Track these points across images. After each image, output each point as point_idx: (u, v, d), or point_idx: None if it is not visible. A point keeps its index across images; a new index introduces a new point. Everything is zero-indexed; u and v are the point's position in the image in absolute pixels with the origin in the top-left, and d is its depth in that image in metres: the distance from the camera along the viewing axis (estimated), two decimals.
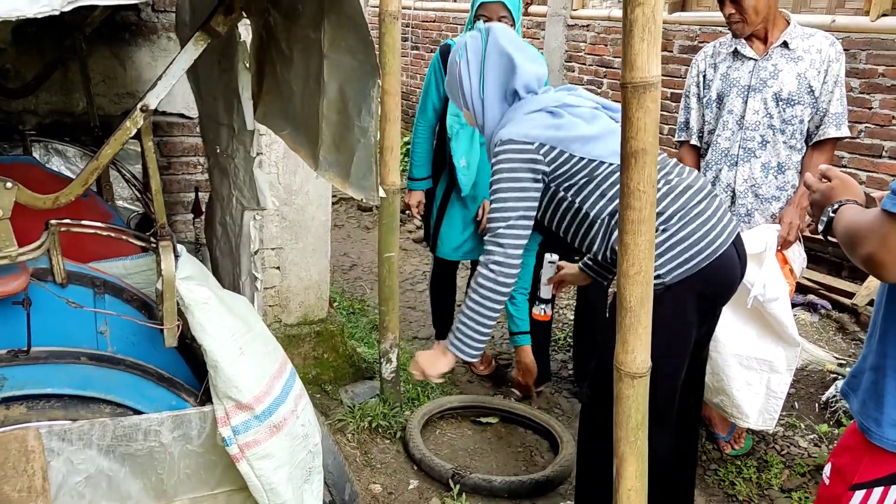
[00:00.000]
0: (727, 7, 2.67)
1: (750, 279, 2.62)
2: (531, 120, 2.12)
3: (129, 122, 1.47)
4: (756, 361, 2.69)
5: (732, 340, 2.71)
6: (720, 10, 2.72)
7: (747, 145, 2.77)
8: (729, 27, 2.73)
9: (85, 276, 1.65)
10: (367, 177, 1.48)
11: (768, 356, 2.66)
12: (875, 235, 1.23)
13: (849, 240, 1.35)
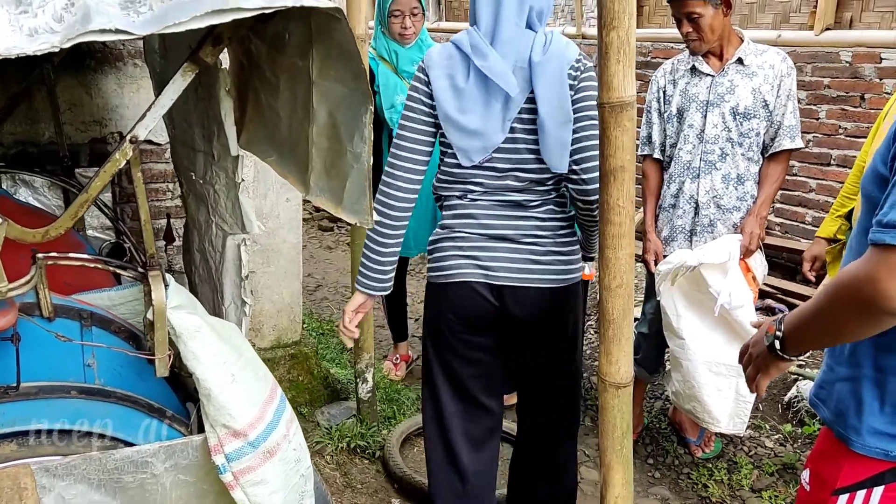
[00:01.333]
0: (684, 26, 2.77)
1: (716, 288, 2.71)
2: None
3: (118, 154, 1.46)
4: (725, 367, 2.78)
5: (702, 348, 2.79)
6: (678, 28, 2.82)
7: (708, 158, 2.87)
8: (686, 45, 2.83)
9: (72, 309, 1.63)
10: (361, 201, 1.51)
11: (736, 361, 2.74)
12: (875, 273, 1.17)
13: (830, 307, 1.26)
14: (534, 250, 2.03)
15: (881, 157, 1.29)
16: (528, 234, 2.03)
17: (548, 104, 1.91)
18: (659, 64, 4.11)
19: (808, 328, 1.34)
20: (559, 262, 2.05)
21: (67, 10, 1.16)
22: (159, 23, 1.21)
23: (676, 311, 2.83)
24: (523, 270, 2.04)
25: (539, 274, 2.04)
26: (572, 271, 2.10)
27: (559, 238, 2.06)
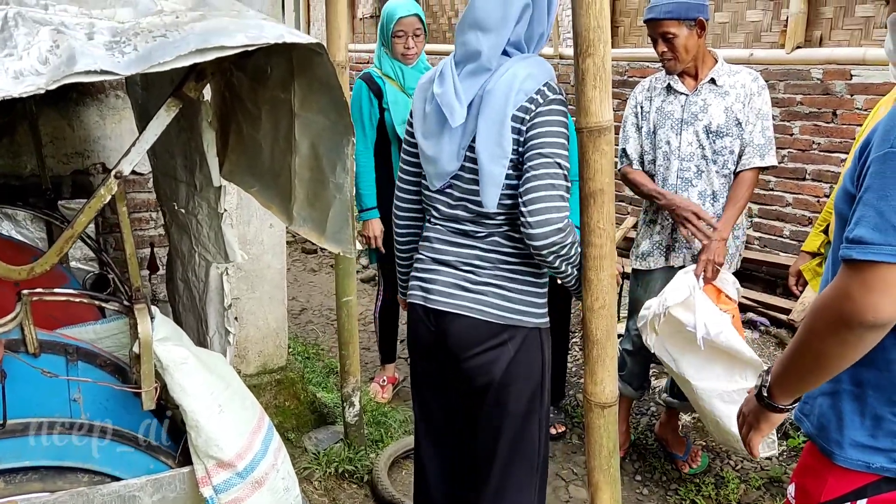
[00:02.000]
0: (660, 46, 2.83)
1: (690, 324, 2.75)
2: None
3: (103, 189, 1.48)
4: (736, 394, 2.80)
5: (708, 385, 2.81)
6: (654, 48, 2.88)
7: (684, 175, 2.92)
8: (662, 64, 2.89)
9: (57, 344, 1.63)
10: (343, 230, 1.53)
11: (743, 384, 2.78)
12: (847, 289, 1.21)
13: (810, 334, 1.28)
14: (468, 277, 1.93)
15: (849, 175, 1.34)
16: (468, 261, 1.94)
17: (484, 137, 1.82)
18: (635, 83, 4.18)
19: (793, 365, 1.34)
20: (496, 295, 1.91)
21: (52, 52, 1.18)
22: (144, 63, 1.23)
23: (672, 357, 2.86)
24: (455, 296, 1.94)
25: (471, 302, 1.92)
26: (519, 311, 1.92)
27: (501, 271, 1.92)
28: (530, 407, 1.97)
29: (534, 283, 1.95)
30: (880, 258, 1.17)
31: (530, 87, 1.81)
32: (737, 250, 2.99)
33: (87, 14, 1.31)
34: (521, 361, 1.93)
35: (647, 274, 3.07)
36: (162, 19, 1.35)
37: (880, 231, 1.18)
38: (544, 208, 1.76)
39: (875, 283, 1.18)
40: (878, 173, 1.20)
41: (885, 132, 1.21)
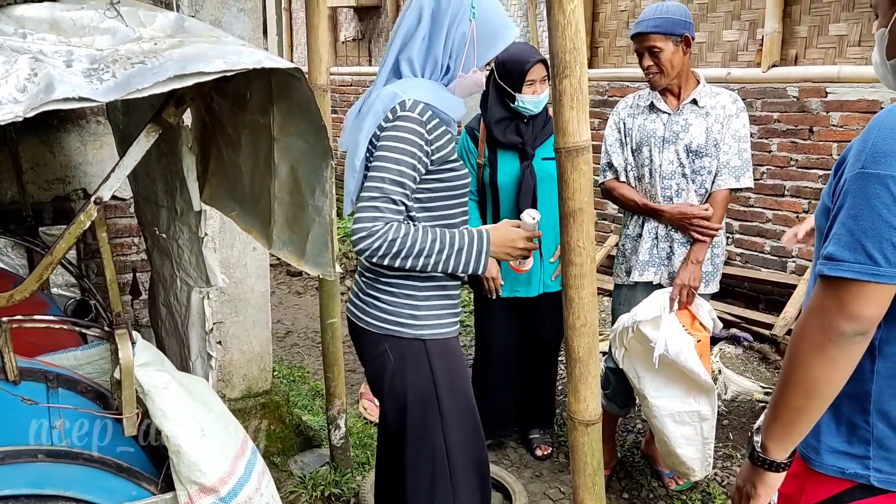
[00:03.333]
0: (646, 60, 2.86)
1: (653, 340, 2.80)
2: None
3: (83, 215, 1.48)
4: (687, 415, 2.86)
5: (663, 403, 2.87)
6: (639, 62, 2.91)
7: (665, 193, 2.95)
8: (647, 78, 2.92)
9: (37, 372, 1.62)
10: (323, 253, 1.53)
11: (696, 407, 2.83)
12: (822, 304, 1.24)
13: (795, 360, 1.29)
14: (360, 288, 2.06)
15: (827, 191, 1.37)
16: (362, 273, 2.05)
17: (350, 154, 1.91)
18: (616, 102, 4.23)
19: (783, 407, 1.34)
20: (375, 307, 2.00)
21: (31, 81, 1.19)
22: (122, 89, 1.24)
23: (637, 373, 2.92)
24: (353, 304, 2.09)
25: (359, 311, 2.05)
26: (395, 322, 1.98)
27: (381, 284, 1.98)
28: (425, 416, 2.02)
29: (412, 296, 1.98)
30: (849, 275, 1.21)
31: (387, 105, 1.86)
32: (715, 269, 3.01)
33: (65, 42, 1.32)
34: (402, 371, 1.99)
35: (629, 289, 3.09)
36: (140, 46, 1.36)
37: (850, 249, 1.22)
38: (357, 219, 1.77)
39: (846, 298, 1.22)
40: (851, 192, 1.23)
41: (858, 151, 1.25)
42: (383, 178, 1.79)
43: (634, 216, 3.05)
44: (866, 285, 1.21)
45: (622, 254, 3.12)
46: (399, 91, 1.87)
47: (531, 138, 3.20)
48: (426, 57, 1.93)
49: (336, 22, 8.81)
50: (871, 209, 1.20)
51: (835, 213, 1.27)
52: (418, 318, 2.00)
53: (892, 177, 1.19)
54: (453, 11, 1.91)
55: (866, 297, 1.21)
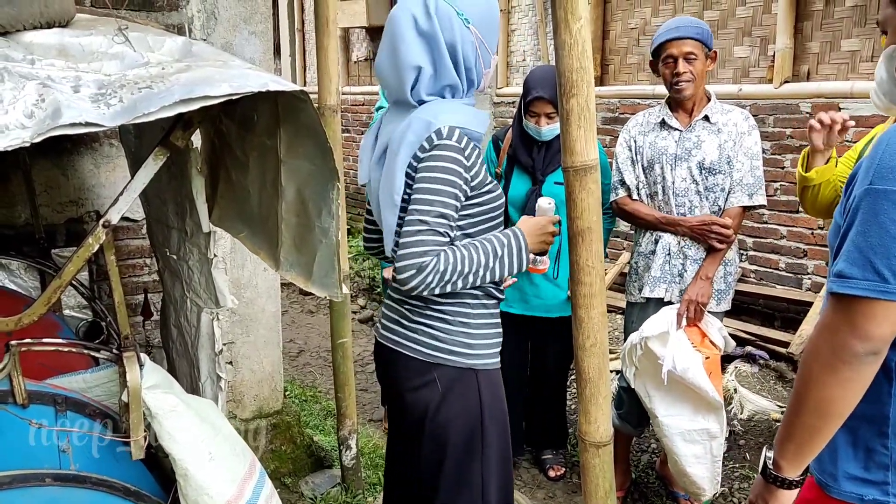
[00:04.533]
0: (682, 65, 2.83)
1: (661, 356, 2.77)
2: None
3: (91, 238, 1.49)
4: (697, 434, 2.83)
5: (673, 422, 2.85)
6: (666, 69, 2.86)
7: (679, 210, 2.93)
8: (676, 85, 2.88)
9: (46, 395, 1.62)
10: (330, 274, 1.53)
11: (705, 424, 2.81)
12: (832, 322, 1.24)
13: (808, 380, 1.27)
14: (405, 315, 1.96)
15: (838, 209, 1.36)
16: (406, 300, 1.96)
17: (382, 187, 1.83)
18: (626, 119, 4.22)
19: (796, 426, 1.32)
20: (426, 335, 1.92)
21: (38, 106, 1.20)
22: (129, 114, 1.25)
23: (647, 392, 2.90)
24: (394, 331, 1.98)
25: (404, 339, 1.95)
26: (447, 351, 1.91)
27: (432, 311, 1.92)
28: (469, 448, 1.95)
29: (466, 323, 1.94)
30: (858, 293, 1.20)
31: (422, 134, 1.78)
32: (727, 287, 2.98)
33: (73, 68, 1.33)
34: (451, 401, 1.92)
35: (641, 307, 3.07)
36: (148, 71, 1.37)
37: (858, 266, 1.21)
38: (401, 255, 1.73)
39: (856, 316, 1.21)
40: (860, 209, 1.22)
41: (866, 168, 1.24)
42: (427, 211, 1.74)
43: (647, 233, 3.04)
44: (876, 303, 1.19)
45: (634, 271, 3.10)
46: (431, 118, 1.80)
47: (542, 164, 3.19)
48: (441, 87, 1.86)
49: (348, 42, 8.88)
50: (880, 226, 1.19)
51: (844, 230, 1.26)
52: (472, 347, 1.94)
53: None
54: (448, 37, 1.82)
55: (877, 315, 1.19)
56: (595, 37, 5.62)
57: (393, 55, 1.83)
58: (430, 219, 1.73)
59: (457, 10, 1.83)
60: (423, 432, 1.96)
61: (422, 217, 1.74)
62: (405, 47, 1.80)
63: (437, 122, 1.79)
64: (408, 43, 1.80)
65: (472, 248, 1.82)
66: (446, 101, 1.87)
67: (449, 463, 1.96)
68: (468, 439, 1.96)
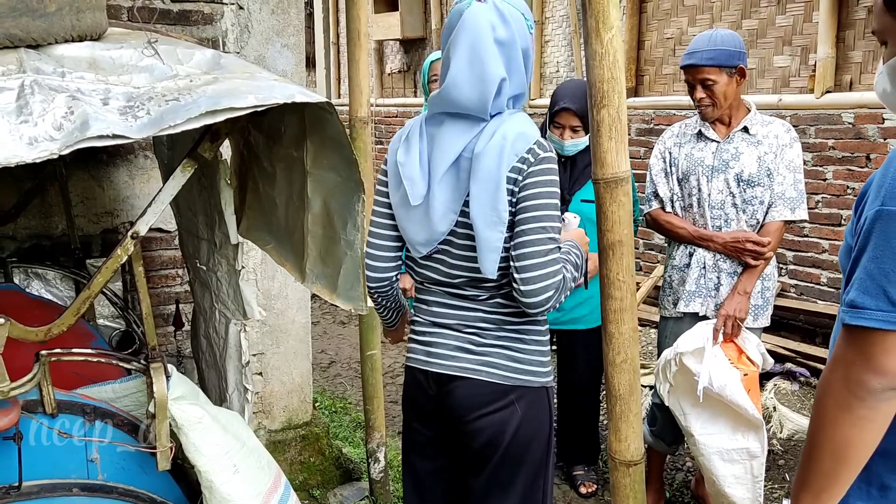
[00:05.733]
0: (698, 92, 2.80)
1: (696, 373, 2.70)
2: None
3: (119, 249, 1.50)
4: (736, 453, 2.75)
5: (710, 440, 2.77)
6: (689, 94, 2.86)
7: (715, 223, 2.87)
8: (699, 110, 2.86)
9: (75, 405, 1.63)
10: (355, 287, 1.52)
11: (744, 444, 2.72)
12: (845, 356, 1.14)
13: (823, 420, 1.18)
14: (473, 340, 1.85)
15: (849, 229, 1.28)
16: (471, 324, 1.85)
17: (478, 203, 1.71)
18: (662, 130, 4.16)
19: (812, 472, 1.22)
20: (503, 357, 1.83)
21: (67, 119, 1.21)
22: (156, 126, 1.25)
23: (682, 410, 2.82)
24: (459, 359, 1.86)
25: (476, 364, 1.84)
26: (526, 371, 1.85)
27: (507, 332, 1.85)
28: (539, 467, 1.91)
29: (539, 341, 1.89)
30: (871, 324, 1.11)
31: (521, 147, 1.71)
32: (765, 302, 2.90)
33: (103, 80, 1.35)
34: (530, 422, 1.86)
35: (676, 321, 3.00)
36: (176, 83, 1.37)
37: (871, 295, 1.11)
38: (538, 276, 1.68)
39: (871, 349, 1.11)
40: (872, 233, 1.13)
41: (877, 186, 1.15)
42: (552, 228, 1.70)
43: (681, 246, 2.98)
44: (892, 335, 1.09)
45: (668, 285, 3.04)
46: (525, 130, 1.73)
47: (568, 182, 3.14)
48: (509, 97, 1.79)
49: (382, 54, 8.94)
50: (893, 251, 1.09)
51: (856, 255, 1.17)
52: (545, 365, 1.90)
53: None
54: (522, 43, 1.76)
55: (893, 348, 1.10)
56: (630, 47, 5.57)
57: (473, 66, 1.70)
58: (555, 234, 1.71)
59: (524, 14, 1.78)
60: (494, 456, 1.88)
61: (551, 235, 1.70)
62: (489, 58, 1.70)
63: (532, 135, 1.74)
64: (490, 53, 1.70)
65: (566, 261, 1.82)
66: (520, 113, 1.82)
67: (521, 482, 1.91)
68: (541, 457, 1.93)
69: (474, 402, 1.84)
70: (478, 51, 1.69)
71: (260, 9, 2.97)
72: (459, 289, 1.85)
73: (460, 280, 1.83)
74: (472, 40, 1.70)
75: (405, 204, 1.76)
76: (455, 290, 1.86)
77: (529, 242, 1.69)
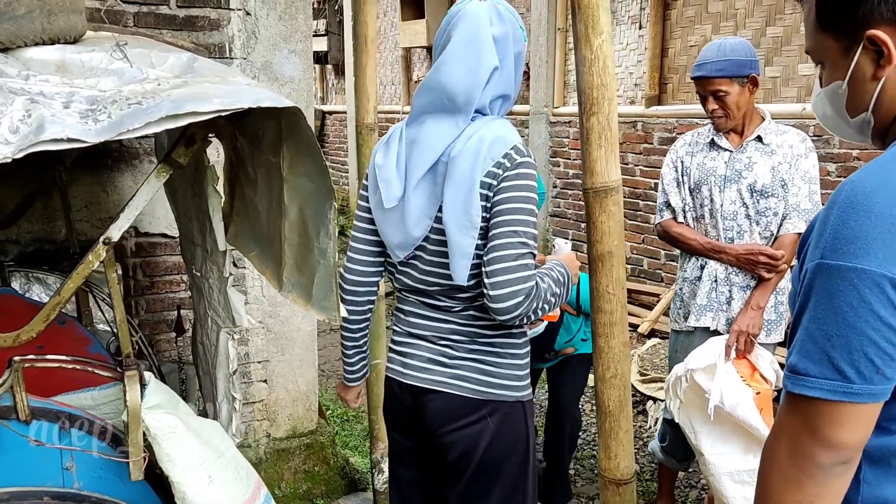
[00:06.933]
0: (710, 103, 2.73)
1: (707, 390, 2.61)
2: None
3: (91, 255, 1.48)
4: (747, 474, 2.65)
5: (721, 460, 2.67)
6: (702, 105, 2.79)
7: (727, 234, 2.78)
8: (712, 122, 2.79)
9: (50, 412, 1.62)
10: (328, 297, 1.48)
11: (755, 465, 2.61)
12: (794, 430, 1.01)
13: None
14: (446, 352, 1.80)
15: (795, 273, 1.12)
16: (444, 336, 1.81)
17: (451, 207, 1.67)
18: None
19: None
20: (475, 370, 1.78)
21: (23, 122, 1.19)
22: (114, 130, 1.23)
23: (693, 428, 2.73)
24: (433, 371, 1.81)
25: (448, 377, 1.79)
26: (499, 385, 1.79)
27: (480, 345, 1.79)
28: (515, 484, 1.84)
29: (515, 354, 1.81)
30: (816, 394, 0.98)
31: (498, 151, 1.66)
32: (779, 317, 2.80)
33: (68, 83, 1.33)
34: (503, 437, 1.80)
35: (686, 336, 2.92)
36: (144, 87, 1.35)
37: (814, 361, 0.98)
38: (506, 281, 1.62)
39: (817, 420, 0.99)
40: (811, 288, 1.00)
41: (818, 235, 1.00)
42: (524, 233, 1.64)
43: (692, 258, 2.89)
44: (840, 406, 0.96)
45: (679, 298, 2.96)
46: (503, 134, 1.69)
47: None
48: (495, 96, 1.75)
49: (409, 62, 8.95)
50: (835, 311, 0.96)
51: (798, 312, 1.03)
52: (521, 379, 1.83)
53: (856, 270, 0.94)
54: (514, 43, 1.75)
55: (841, 419, 0.97)
56: (653, 55, 5.48)
57: (468, 51, 1.68)
58: (529, 241, 1.64)
59: (519, 23, 1.77)
60: (467, 469, 1.84)
61: (521, 239, 1.63)
62: (485, 45, 1.68)
63: (511, 139, 1.69)
64: (487, 42, 1.69)
65: (546, 274, 1.75)
66: (499, 119, 1.78)
67: (497, 496, 1.85)
68: (517, 472, 1.86)
69: (446, 415, 1.79)
70: (475, 38, 1.69)
71: (267, 14, 2.96)
72: (434, 298, 1.81)
73: (434, 289, 1.79)
74: (470, 28, 1.70)
75: (382, 206, 1.73)
76: (430, 300, 1.82)
77: (499, 246, 1.63)
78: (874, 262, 0.93)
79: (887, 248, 0.93)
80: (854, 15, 1.05)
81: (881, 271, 0.93)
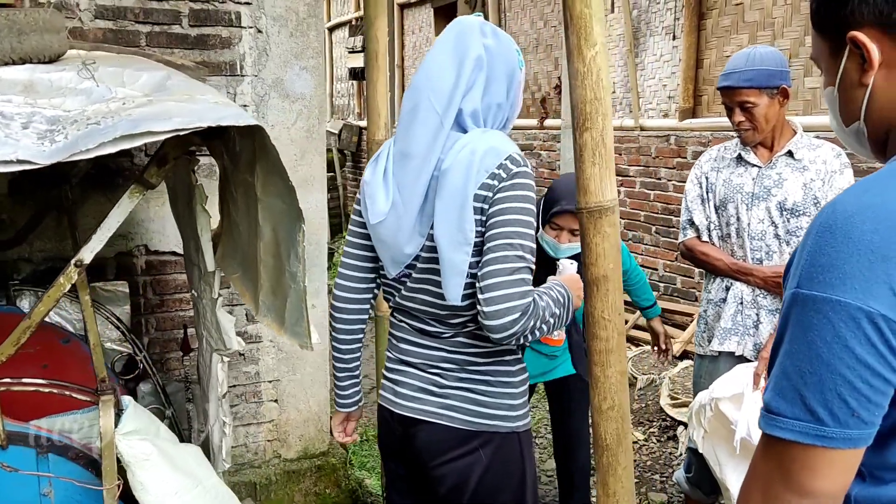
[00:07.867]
0: (737, 115, 2.61)
1: (734, 421, 2.46)
2: None
3: (62, 278, 1.45)
4: None
5: None
6: (728, 117, 2.67)
7: (755, 255, 2.65)
8: (738, 135, 2.67)
9: (27, 436, 1.59)
10: (300, 322, 1.43)
11: None
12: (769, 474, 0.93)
13: None
14: (435, 381, 1.72)
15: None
16: (433, 364, 1.73)
17: (443, 222, 1.59)
18: None
19: None
20: (465, 400, 1.70)
21: None
22: (68, 151, 1.19)
23: (718, 459, 2.57)
24: (422, 400, 1.74)
25: (438, 408, 1.72)
26: (491, 416, 1.70)
27: (470, 374, 1.71)
28: None
29: (508, 383, 1.72)
30: (788, 436, 0.89)
31: (491, 162, 1.58)
32: None
33: (31, 104, 1.30)
34: (496, 470, 1.71)
35: (711, 360, 2.78)
36: (108, 106, 1.32)
37: (787, 400, 0.90)
38: (502, 296, 1.53)
39: (790, 465, 0.90)
40: (788, 319, 0.91)
41: (796, 263, 0.92)
42: (521, 246, 1.56)
43: (717, 279, 2.76)
44: (813, 450, 0.88)
45: (704, 321, 2.82)
46: (496, 145, 1.62)
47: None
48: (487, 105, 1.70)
49: None
50: (809, 346, 0.87)
51: (776, 342, 0.94)
52: (515, 409, 1.75)
53: (831, 301, 0.85)
54: (506, 60, 1.71)
55: (815, 465, 0.89)
56: (687, 66, 5.34)
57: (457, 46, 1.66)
58: (526, 255, 1.56)
59: (515, 48, 1.74)
60: (461, 502, 1.75)
61: (519, 252, 1.55)
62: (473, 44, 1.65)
63: (505, 149, 1.62)
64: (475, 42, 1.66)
65: (545, 293, 1.67)
66: (494, 131, 1.71)
67: None
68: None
69: (435, 447, 1.71)
70: (462, 37, 1.67)
71: (279, 32, 2.94)
72: (425, 323, 1.73)
73: (422, 310, 1.71)
74: (460, 29, 1.68)
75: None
76: (420, 325, 1.74)
77: (494, 260, 1.55)
78: (850, 293, 0.83)
79: (866, 278, 0.83)
80: (839, 15, 0.97)
81: (857, 304, 0.83)
